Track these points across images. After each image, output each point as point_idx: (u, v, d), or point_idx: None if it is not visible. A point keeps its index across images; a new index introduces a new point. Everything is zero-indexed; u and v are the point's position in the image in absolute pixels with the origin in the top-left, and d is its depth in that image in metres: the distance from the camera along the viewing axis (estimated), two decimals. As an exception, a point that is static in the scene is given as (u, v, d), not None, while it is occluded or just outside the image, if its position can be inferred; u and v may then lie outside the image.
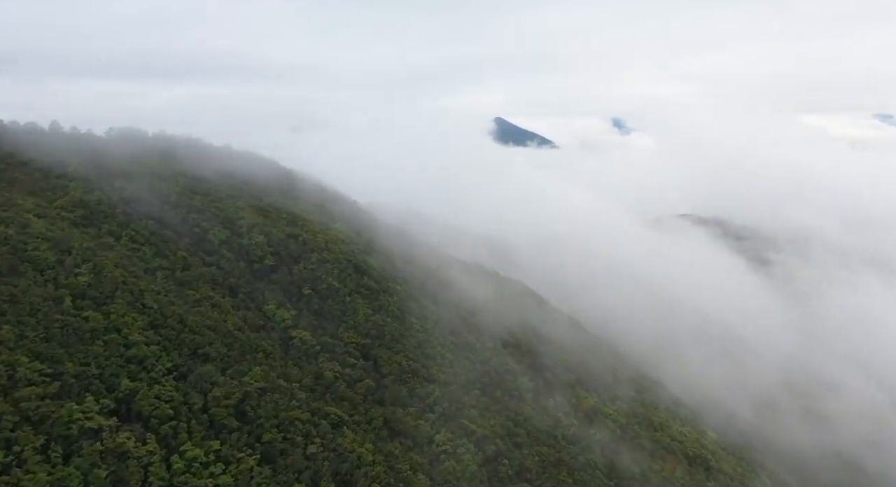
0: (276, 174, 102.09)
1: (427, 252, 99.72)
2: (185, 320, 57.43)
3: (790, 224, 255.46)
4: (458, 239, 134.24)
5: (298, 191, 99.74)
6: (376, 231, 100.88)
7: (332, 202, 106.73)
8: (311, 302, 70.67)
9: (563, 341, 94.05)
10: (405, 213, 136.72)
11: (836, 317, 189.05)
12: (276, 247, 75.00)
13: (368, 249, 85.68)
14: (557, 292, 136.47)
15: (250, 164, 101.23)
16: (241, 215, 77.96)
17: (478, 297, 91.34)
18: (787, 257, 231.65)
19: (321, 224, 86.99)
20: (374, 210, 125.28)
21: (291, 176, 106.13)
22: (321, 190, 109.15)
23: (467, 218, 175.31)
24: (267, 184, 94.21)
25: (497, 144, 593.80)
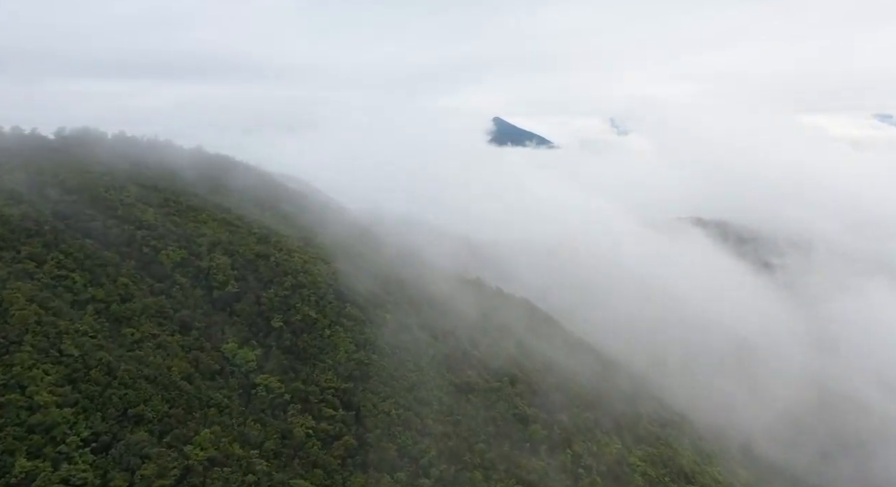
0: (253, 180, 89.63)
1: (422, 269, 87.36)
2: (115, 370, 45.01)
3: (792, 226, 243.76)
4: (456, 248, 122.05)
5: (278, 200, 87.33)
6: (366, 244, 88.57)
7: (317, 211, 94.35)
8: (281, 338, 58.18)
9: (576, 369, 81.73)
10: (399, 221, 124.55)
11: (846, 325, 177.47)
12: (242, 270, 62.53)
13: (354, 269, 73.16)
14: (557, 299, 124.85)
15: (223, 170, 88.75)
16: (203, 231, 65.49)
17: (480, 323, 79.02)
18: (791, 261, 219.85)
19: (300, 239, 74.55)
20: (366, 217, 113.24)
21: (271, 182, 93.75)
22: (306, 197, 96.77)
23: (464, 223, 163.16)
24: (240, 193, 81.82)
25: (495, 145, 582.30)
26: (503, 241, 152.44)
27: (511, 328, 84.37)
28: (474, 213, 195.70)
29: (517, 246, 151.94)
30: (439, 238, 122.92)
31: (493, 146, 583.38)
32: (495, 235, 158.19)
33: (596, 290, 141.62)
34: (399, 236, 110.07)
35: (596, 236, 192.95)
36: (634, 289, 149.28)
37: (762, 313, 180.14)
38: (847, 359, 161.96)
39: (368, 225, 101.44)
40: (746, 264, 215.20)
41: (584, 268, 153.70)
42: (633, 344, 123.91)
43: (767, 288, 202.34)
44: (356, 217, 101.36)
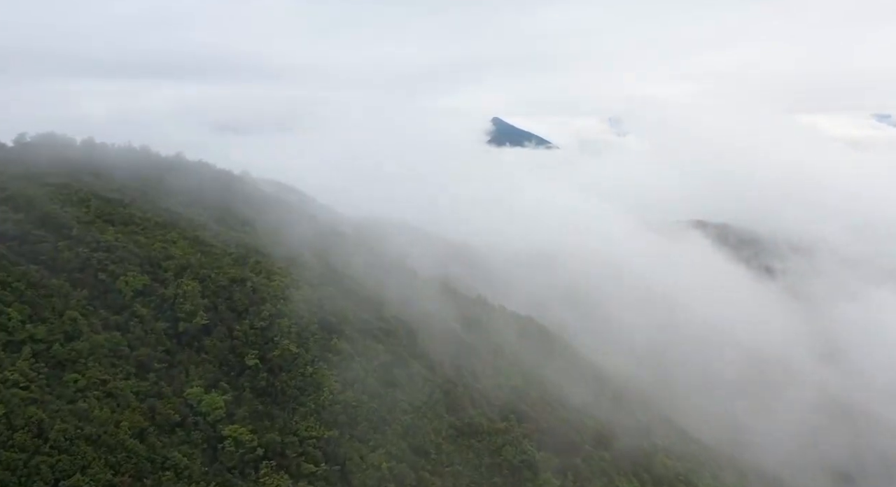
0: (234, 192, 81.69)
1: (419, 288, 79.48)
2: (46, 430, 37.19)
3: (792, 228, 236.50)
4: (452, 257, 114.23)
5: (260, 212, 79.37)
6: (358, 260, 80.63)
7: (305, 223, 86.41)
8: (256, 378, 50.29)
9: (586, 399, 74.00)
10: (394, 230, 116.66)
11: (855, 334, 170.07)
12: (213, 298, 54.58)
13: (345, 292, 65.30)
14: (557, 309, 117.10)
15: (202, 179, 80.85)
16: (171, 252, 57.52)
17: (482, 348, 71.22)
18: (793, 265, 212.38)
19: (283, 259, 66.54)
20: (360, 228, 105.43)
21: (254, 192, 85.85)
22: (292, 209, 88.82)
23: (461, 228, 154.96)
24: (219, 206, 73.89)
25: (494, 146, 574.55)
26: (501, 248, 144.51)
27: (516, 352, 76.60)
28: (471, 218, 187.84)
29: (515, 253, 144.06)
30: (435, 247, 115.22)
31: (491, 147, 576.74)
32: (492, 241, 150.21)
33: (596, 299, 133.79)
34: (391, 246, 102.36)
35: (595, 241, 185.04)
36: (636, 297, 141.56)
37: (768, 322, 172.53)
38: (859, 372, 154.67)
39: (361, 238, 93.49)
40: (748, 269, 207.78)
41: (584, 276, 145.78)
42: (637, 357, 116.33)
43: (772, 295, 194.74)
44: (348, 229, 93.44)
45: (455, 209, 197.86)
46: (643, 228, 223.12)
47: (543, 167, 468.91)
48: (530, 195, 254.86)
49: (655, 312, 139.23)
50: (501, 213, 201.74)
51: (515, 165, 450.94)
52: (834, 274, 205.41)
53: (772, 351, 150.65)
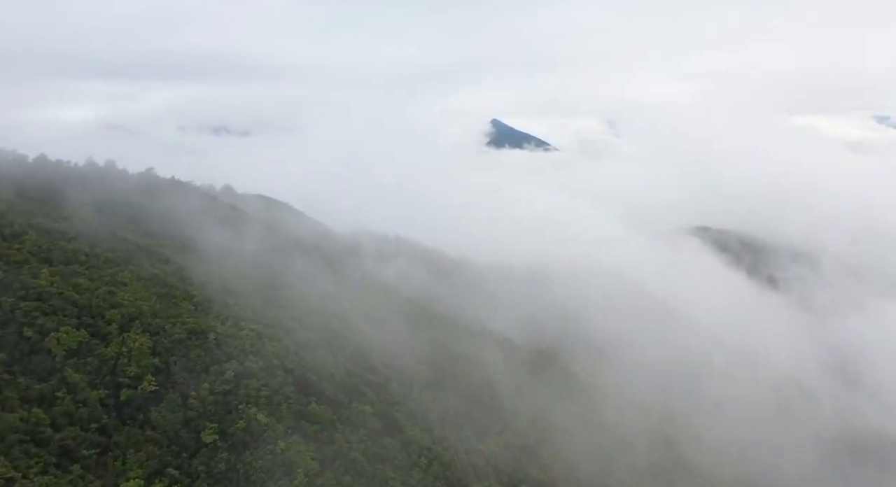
0: (211, 214, 71.99)
1: (405, 315, 69.90)
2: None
3: (795, 234, 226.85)
4: (441, 273, 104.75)
5: (237, 238, 69.61)
6: (345, 288, 71.09)
7: (289, 247, 76.80)
8: (214, 459, 40.65)
9: (611, 454, 64.64)
10: (381, 245, 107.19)
11: (865, 350, 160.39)
12: (166, 356, 44.98)
13: (328, 337, 55.64)
14: (552, 326, 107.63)
15: (174, 202, 71.17)
16: (119, 298, 47.84)
17: (486, 396, 61.70)
18: (797, 274, 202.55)
19: (259, 298, 56.89)
20: (348, 244, 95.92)
21: (234, 214, 76.11)
22: (274, 230, 79.13)
23: (454, 239, 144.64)
24: (189, 233, 64.17)
25: (493, 147, 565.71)
26: (493, 260, 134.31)
27: (526, 395, 67.06)
28: (465, 228, 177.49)
29: (507, 265, 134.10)
30: (422, 262, 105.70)
31: (490, 148, 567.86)
32: (485, 252, 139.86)
33: (593, 315, 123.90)
34: (386, 268, 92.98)
35: (593, 251, 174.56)
36: (637, 312, 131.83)
37: (777, 338, 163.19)
38: (875, 393, 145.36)
39: (352, 260, 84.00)
40: (753, 280, 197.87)
41: (581, 289, 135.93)
42: (639, 379, 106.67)
43: (780, 308, 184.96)
44: (335, 250, 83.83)
45: (448, 217, 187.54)
46: (642, 236, 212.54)
47: (542, 170, 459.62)
48: (526, 202, 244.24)
49: (658, 328, 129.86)
50: (495, 222, 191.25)
51: (513, 169, 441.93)
52: (839, 285, 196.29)
53: (782, 369, 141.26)
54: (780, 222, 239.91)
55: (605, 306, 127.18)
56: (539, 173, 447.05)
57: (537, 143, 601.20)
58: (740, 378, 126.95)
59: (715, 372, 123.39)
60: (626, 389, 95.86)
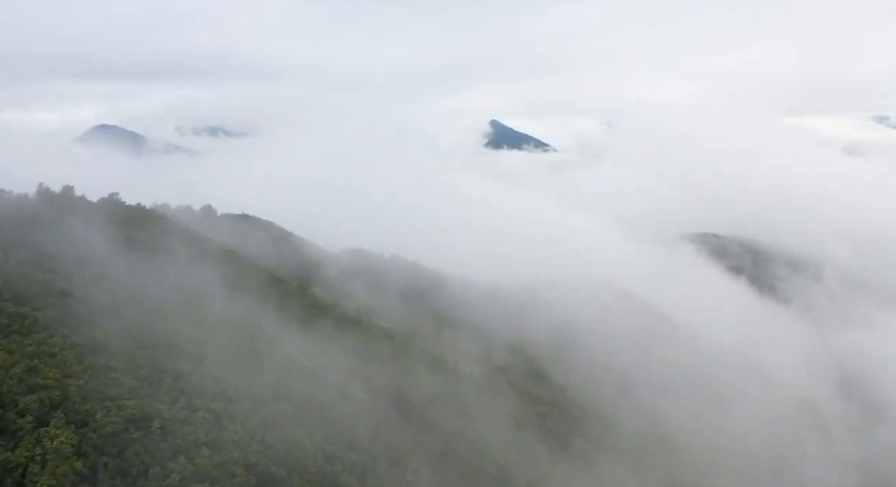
0: (175, 249, 62.32)
1: (411, 373, 60.58)
2: None
3: (795, 241, 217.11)
4: (424, 296, 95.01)
5: (208, 277, 59.92)
6: (334, 335, 61.47)
7: (269, 285, 67.29)
8: None
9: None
10: (380, 268, 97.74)
11: (876, 369, 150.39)
12: (93, 456, 35.27)
13: (308, 409, 46.07)
14: (544, 351, 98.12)
15: (132, 234, 61.57)
16: (41, 378, 38.17)
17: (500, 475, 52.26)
18: (799, 284, 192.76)
19: (227, 360, 47.29)
20: (340, 270, 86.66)
21: (203, 246, 66.53)
22: (256, 264, 69.64)
23: (442, 254, 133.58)
24: (143, 278, 54.45)
25: (492, 148, 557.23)
26: (481, 276, 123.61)
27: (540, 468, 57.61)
28: (456, 239, 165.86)
29: (495, 282, 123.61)
30: (424, 288, 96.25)
31: (489, 149, 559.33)
32: (476, 266, 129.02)
33: (589, 338, 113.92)
34: (378, 296, 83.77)
35: (589, 262, 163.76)
36: (635, 330, 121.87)
37: (787, 353, 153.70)
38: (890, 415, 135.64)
39: (329, 272, 74.84)
40: (753, 287, 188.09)
41: (576, 307, 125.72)
42: (644, 410, 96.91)
43: (783, 318, 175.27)
44: (308, 266, 74.33)
45: (440, 230, 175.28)
46: (641, 244, 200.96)
47: (540, 173, 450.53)
48: (521, 212, 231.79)
49: (661, 347, 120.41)
50: (489, 234, 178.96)
51: (510, 172, 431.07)
52: (842, 297, 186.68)
53: (795, 390, 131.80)
54: (780, 227, 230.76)
55: (604, 326, 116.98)
56: (537, 176, 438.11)
57: (536, 144, 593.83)
58: (752, 400, 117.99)
59: (725, 395, 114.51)
60: (627, 419, 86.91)
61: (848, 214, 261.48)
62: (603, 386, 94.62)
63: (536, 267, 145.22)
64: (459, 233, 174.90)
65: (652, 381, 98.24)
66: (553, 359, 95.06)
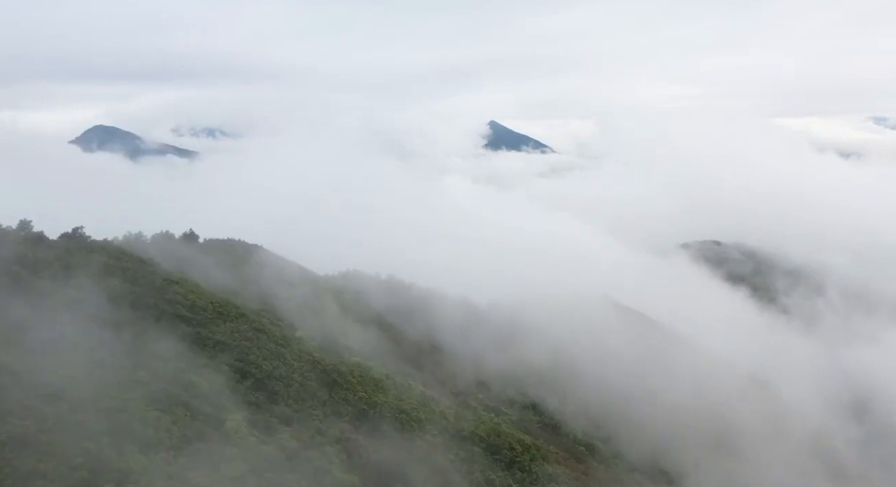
0: (134, 295, 55.95)
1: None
2: None
3: (796, 249, 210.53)
4: (442, 320, 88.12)
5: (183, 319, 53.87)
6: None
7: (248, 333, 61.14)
8: None
9: None
10: (377, 291, 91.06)
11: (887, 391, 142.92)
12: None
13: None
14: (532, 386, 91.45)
15: (86, 272, 55.37)
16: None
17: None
18: (801, 295, 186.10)
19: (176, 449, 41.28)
20: (336, 296, 79.86)
21: (184, 293, 60.33)
22: (236, 300, 63.47)
23: (427, 272, 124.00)
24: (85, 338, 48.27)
25: (490, 150, 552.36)
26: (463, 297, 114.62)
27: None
28: (441, 253, 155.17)
29: (478, 306, 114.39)
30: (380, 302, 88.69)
31: (487, 151, 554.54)
32: (461, 284, 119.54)
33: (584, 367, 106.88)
34: (370, 330, 77.48)
35: (586, 270, 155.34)
36: (638, 353, 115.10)
37: (799, 375, 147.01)
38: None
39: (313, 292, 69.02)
40: (753, 298, 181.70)
41: (578, 321, 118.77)
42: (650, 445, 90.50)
43: (788, 334, 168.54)
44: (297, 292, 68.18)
45: (427, 240, 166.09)
46: (640, 253, 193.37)
47: (537, 175, 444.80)
48: (514, 217, 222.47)
49: (661, 366, 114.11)
50: (476, 243, 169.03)
51: (507, 174, 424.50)
52: (846, 311, 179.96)
53: (809, 416, 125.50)
54: (781, 234, 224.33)
55: (602, 346, 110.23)
56: (534, 178, 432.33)
57: (535, 145, 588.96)
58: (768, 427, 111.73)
59: (736, 429, 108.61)
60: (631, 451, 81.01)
61: (849, 220, 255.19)
62: (602, 415, 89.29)
63: (530, 281, 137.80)
64: (448, 245, 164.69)
65: (655, 412, 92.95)
66: (547, 387, 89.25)
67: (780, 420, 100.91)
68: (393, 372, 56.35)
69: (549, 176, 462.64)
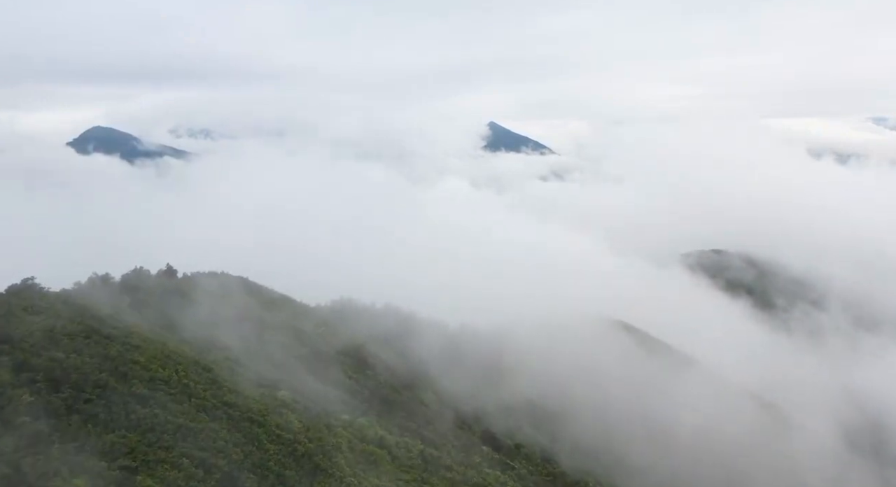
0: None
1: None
2: None
3: (798, 260, 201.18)
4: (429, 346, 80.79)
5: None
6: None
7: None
8: None
9: None
10: (374, 323, 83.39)
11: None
12: None
13: None
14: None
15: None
16: None
17: None
18: (803, 310, 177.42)
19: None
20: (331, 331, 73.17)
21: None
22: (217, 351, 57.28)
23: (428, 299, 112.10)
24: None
25: (489, 151, 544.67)
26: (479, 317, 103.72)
27: None
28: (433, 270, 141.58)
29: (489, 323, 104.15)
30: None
31: (486, 152, 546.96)
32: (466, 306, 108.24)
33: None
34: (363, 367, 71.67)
35: (583, 284, 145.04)
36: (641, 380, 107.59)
37: (805, 398, 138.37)
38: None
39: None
40: (756, 312, 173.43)
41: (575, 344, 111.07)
42: None
43: (794, 352, 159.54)
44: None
45: (414, 257, 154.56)
46: (638, 264, 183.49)
47: (537, 177, 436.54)
48: (507, 228, 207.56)
49: (664, 391, 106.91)
50: (466, 259, 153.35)
51: (504, 177, 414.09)
52: (850, 325, 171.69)
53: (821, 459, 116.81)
54: (781, 243, 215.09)
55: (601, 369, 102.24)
56: (533, 180, 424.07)
57: (534, 146, 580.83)
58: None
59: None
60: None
61: (850, 227, 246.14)
62: (603, 448, 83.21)
63: (523, 298, 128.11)
64: (437, 264, 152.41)
65: (659, 448, 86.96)
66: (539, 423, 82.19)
67: (792, 456, 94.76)
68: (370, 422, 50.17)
69: (549, 178, 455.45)
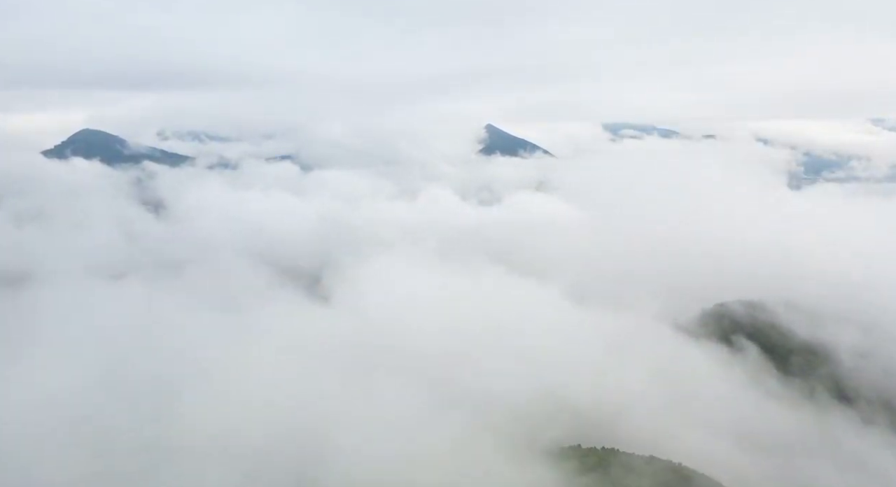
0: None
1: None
2: None
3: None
4: None
5: None
6: None
7: None
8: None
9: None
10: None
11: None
12: None
13: None
14: None
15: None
16: None
17: None
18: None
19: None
20: None
21: None
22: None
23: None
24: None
25: (485, 155, 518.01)
26: None
27: None
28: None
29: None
30: None
31: (482, 156, 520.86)
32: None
33: None
34: None
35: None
36: None
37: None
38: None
39: None
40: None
41: None
42: None
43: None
44: None
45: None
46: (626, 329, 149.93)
47: (530, 186, 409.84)
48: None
49: None
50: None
51: (499, 185, 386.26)
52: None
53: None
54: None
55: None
56: (524, 190, 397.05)
57: (532, 149, 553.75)
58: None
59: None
60: None
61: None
62: None
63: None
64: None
65: None
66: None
67: None
68: None
69: (542, 186, 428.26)
